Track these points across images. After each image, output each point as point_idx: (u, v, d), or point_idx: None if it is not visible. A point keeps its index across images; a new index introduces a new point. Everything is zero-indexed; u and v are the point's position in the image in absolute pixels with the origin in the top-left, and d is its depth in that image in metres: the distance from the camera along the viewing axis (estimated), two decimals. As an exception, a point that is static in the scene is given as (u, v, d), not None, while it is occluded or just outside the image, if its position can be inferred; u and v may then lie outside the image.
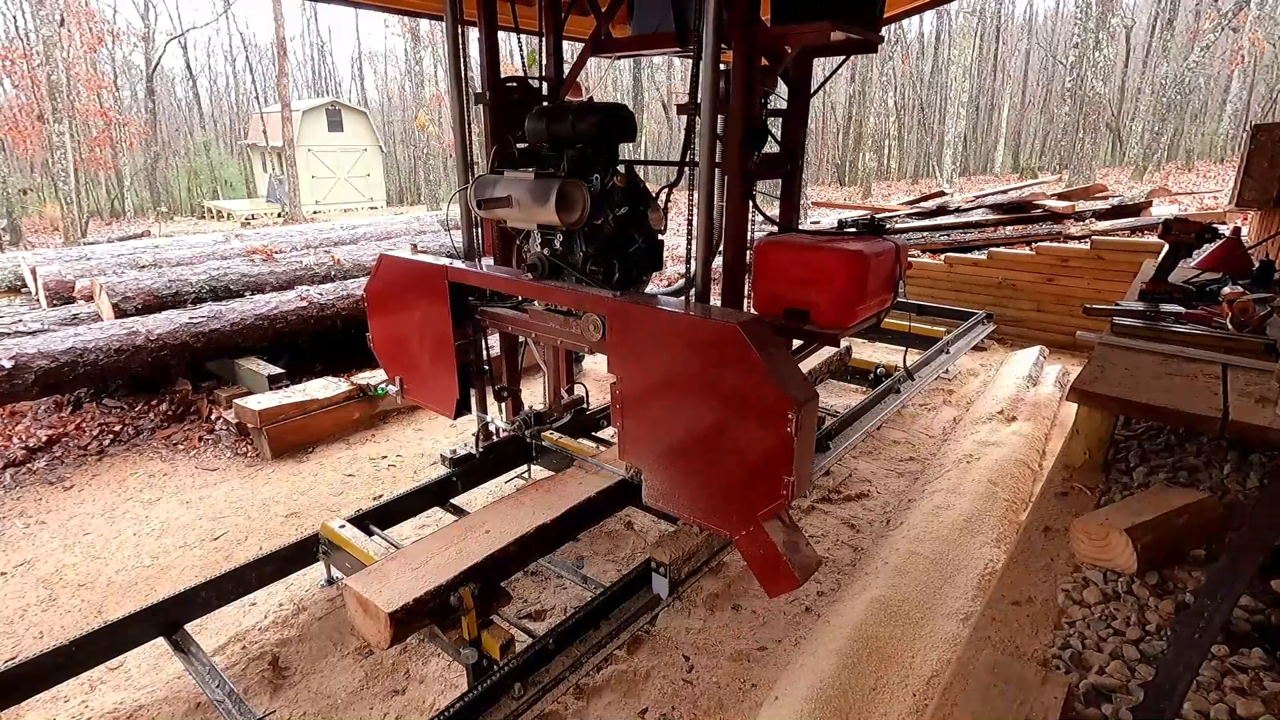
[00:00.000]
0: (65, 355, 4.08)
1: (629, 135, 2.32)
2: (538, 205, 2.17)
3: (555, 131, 2.28)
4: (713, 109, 1.95)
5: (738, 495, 1.89)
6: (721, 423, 1.85)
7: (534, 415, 2.93)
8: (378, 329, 2.92)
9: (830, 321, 2.20)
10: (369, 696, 2.27)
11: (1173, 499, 1.73)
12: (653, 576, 2.34)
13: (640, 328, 1.99)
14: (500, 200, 2.27)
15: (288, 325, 5.03)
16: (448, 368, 2.66)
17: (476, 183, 2.42)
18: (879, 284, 2.28)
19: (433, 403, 2.83)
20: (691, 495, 2.01)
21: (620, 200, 2.25)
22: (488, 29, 2.65)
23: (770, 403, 1.72)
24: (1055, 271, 5.86)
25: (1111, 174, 22.40)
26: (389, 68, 44.42)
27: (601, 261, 2.28)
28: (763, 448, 1.77)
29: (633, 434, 2.09)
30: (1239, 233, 3.28)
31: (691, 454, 1.96)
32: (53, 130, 15.15)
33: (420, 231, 7.86)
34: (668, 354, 1.93)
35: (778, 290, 2.25)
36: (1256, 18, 20.15)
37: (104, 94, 21.75)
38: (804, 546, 1.97)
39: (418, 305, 2.70)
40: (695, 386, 1.89)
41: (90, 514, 3.47)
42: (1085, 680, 1.32)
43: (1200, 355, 2.35)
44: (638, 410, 2.06)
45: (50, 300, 5.32)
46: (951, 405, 4.66)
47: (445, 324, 2.59)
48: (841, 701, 2.01)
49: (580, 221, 2.20)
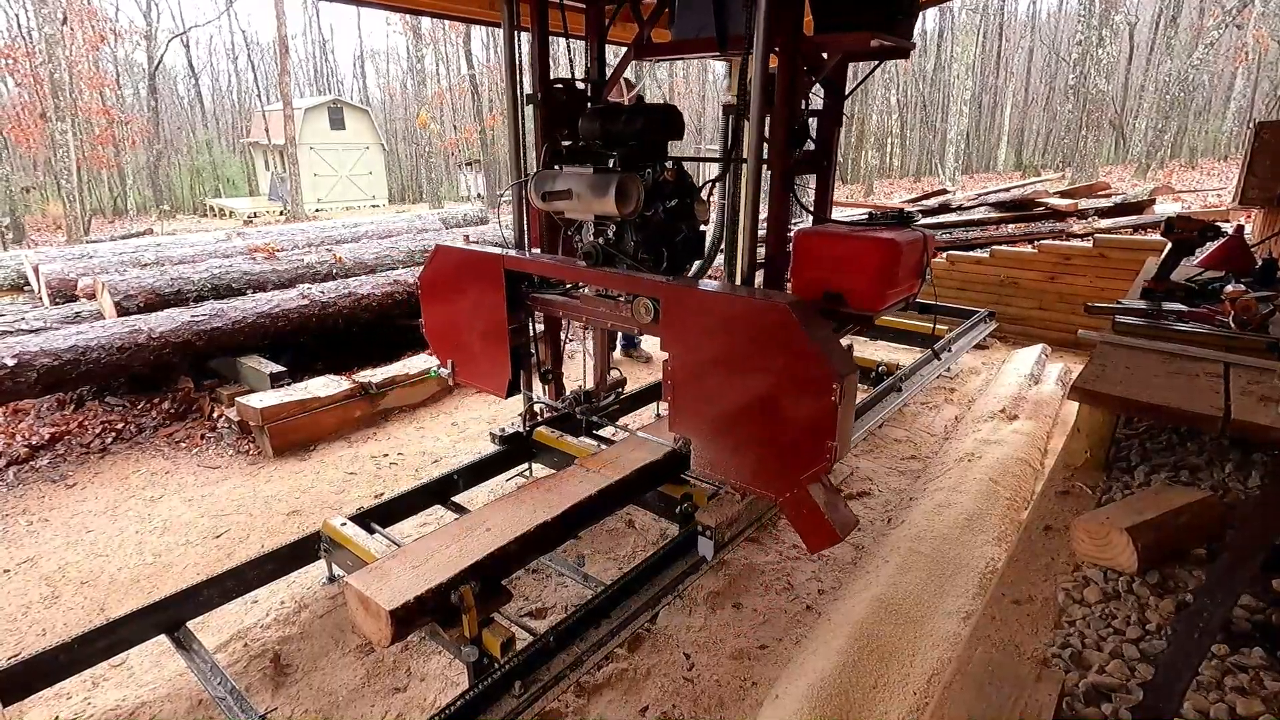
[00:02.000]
0: (68, 353, 4.09)
1: (677, 134, 2.53)
2: (597, 197, 2.35)
3: (610, 130, 2.46)
4: (761, 111, 2.13)
5: (783, 460, 2.04)
6: (769, 394, 2.01)
7: (583, 394, 3.12)
8: (431, 315, 3.07)
9: (865, 304, 2.36)
10: (370, 694, 2.28)
11: (1174, 498, 1.73)
12: (699, 539, 2.46)
13: (694, 309, 2.16)
14: (561, 193, 2.46)
15: (289, 324, 5.04)
16: (501, 350, 2.83)
17: (536, 177, 2.58)
18: (909, 270, 2.43)
19: (484, 384, 2.99)
20: (739, 462, 2.17)
21: (670, 193, 2.45)
22: (540, 35, 2.84)
23: (816, 375, 1.89)
24: (1057, 270, 5.85)
25: (1114, 172, 22.35)
26: (391, 66, 44.45)
27: (651, 250, 2.48)
28: (808, 416, 1.94)
29: (683, 407, 2.27)
30: (1242, 231, 3.27)
31: (740, 424, 2.12)
32: (55, 128, 15.19)
33: (422, 230, 7.87)
34: (720, 332, 2.10)
35: (816, 276, 2.39)
36: (1261, 14, 20.07)
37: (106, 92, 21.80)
38: (842, 507, 2.15)
39: (472, 292, 2.86)
40: (745, 361, 2.05)
41: (93, 512, 3.49)
42: (1085, 679, 1.32)
43: (1202, 354, 2.34)
44: (689, 385, 2.23)
45: (53, 298, 5.33)
46: (953, 404, 4.66)
47: (500, 309, 2.76)
48: (842, 700, 2.01)
49: (634, 212, 2.38)
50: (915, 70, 29.82)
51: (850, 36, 2.42)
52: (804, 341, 1.89)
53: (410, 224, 8.03)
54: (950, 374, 5.14)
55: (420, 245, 6.81)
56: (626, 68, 3.13)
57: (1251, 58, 22.66)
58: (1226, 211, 8.60)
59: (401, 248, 6.67)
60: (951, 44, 19.68)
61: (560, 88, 2.89)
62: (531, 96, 2.85)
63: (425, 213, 9.21)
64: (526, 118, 2.91)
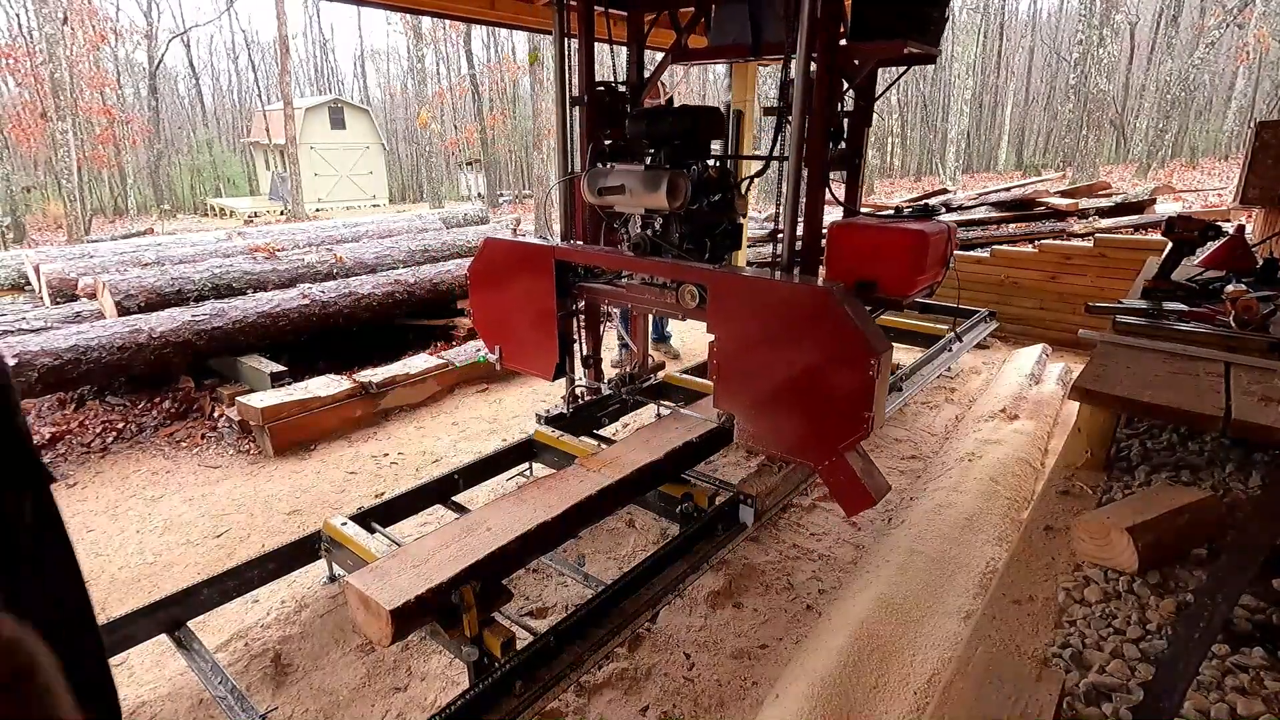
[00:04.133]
0: (68, 353, 4.09)
1: (719, 134, 2.72)
2: (649, 192, 2.55)
3: (657, 130, 2.64)
4: (803, 114, 2.32)
5: (823, 431, 2.24)
6: (811, 370, 2.20)
7: (628, 375, 3.37)
8: (479, 304, 3.23)
9: (896, 290, 2.52)
10: (370, 694, 2.28)
11: (1174, 498, 1.73)
12: (740, 507, 2.61)
13: (742, 294, 2.35)
14: (615, 188, 2.65)
15: (290, 323, 5.04)
16: (549, 336, 2.99)
17: (590, 174, 2.76)
18: (935, 259, 2.60)
19: (532, 367, 3.16)
20: (781, 433, 2.37)
21: (713, 188, 2.65)
22: (587, 42, 3.03)
23: (856, 352, 2.07)
24: (1058, 269, 5.84)
25: (1115, 171, 22.33)
26: (391, 65, 44.44)
27: (695, 240, 2.68)
28: (847, 389, 2.13)
29: (729, 384, 2.46)
30: (1243, 230, 3.27)
31: (783, 398, 2.31)
32: (56, 128, 15.18)
33: (423, 230, 7.86)
34: (766, 315, 2.29)
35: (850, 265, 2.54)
36: (1262, 14, 20.03)
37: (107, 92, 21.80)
38: (876, 474, 2.32)
39: (523, 281, 3.03)
40: (789, 341, 2.24)
41: (93, 511, 3.49)
42: (1085, 679, 1.32)
43: (1203, 354, 2.34)
44: (734, 363, 2.42)
45: (54, 298, 5.34)
46: (953, 403, 4.66)
47: (550, 298, 2.93)
48: (843, 699, 2.01)
49: (682, 206, 2.56)
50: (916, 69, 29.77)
51: (884, 45, 2.57)
52: (845, 322, 2.08)
53: (410, 224, 8.03)
54: (950, 374, 5.14)
55: (420, 245, 6.81)
56: (664, 71, 3.32)
57: (1253, 57, 22.60)
58: (1227, 211, 8.59)
59: (402, 247, 6.67)
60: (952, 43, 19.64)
61: (603, 91, 3.09)
62: (578, 99, 3.03)
63: (426, 212, 9.21)
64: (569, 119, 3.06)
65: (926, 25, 2.60)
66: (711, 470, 3.66)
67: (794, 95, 2.32)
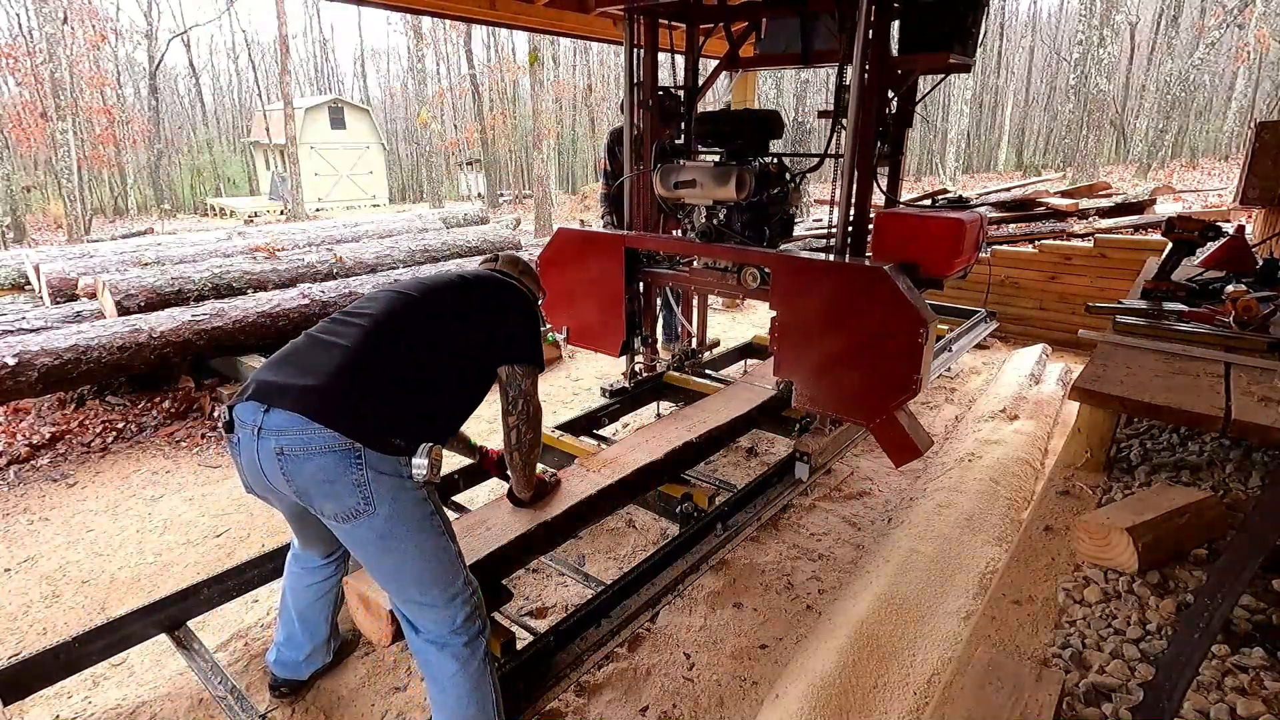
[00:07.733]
0: (68, 352, 4.09)
1: (778, 134, 3.00)
2: (719, 185, 2.84)
3: (724, 130, 3.01)
4: (858, 117, 2.61)
5: (875, 392, 2.53)
6: (866, 339, 2.50)
7: (689, 351, 3.82)
8: (549, 288, 3.42)
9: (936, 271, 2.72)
10: (370, 693, 2.28)
11: (1174, 498, 1.73)
12: (795, 464, 2.97)
13: (803, 274, 2.67)
14: (688, 182, 2.94)
15: (290, 323, 5.04)
16: (617, 317, 3.32)
17: (663, 169, 3.04)
18: (970, 244, 2.80)
19: (599, 346, 3.49)
20: (837, 396, 2.67)
21: (772, 182, 2.95)
22: (651, 51, 3.31)
23: (908, 321, 2.37)
24: (1058, 269, 5.84)
25: (1115, 171, 22.33)
26: (391, 65, 44.45)
27: (755, 229, 2.99)
28: (899, 354, 2.41)
29: (788, 355, 2.76)
30: (1243, 231, 3.27)
31: (840, 365, 2.61)
32: (56, 128, 15.19)
33: (423, 229, 7.86)
34: (826, 292, 2.59)
35: (895, 249, 2.73)
36: (1262, 14, 20.02)
37: (107, 91, 21.81)
38: (920, 430, 2.63)
39: (593, 267, 3.35)
40: (847, 314, 2.55)
41: (93, 511, 3.49)
42: (1085, 679, 1.32)
43: (1203, 354, 2.34)
44: (794, 336, 2.72)
45: (54, 297, 5.33)
46: (953, 403, 4.66)
47: (619, 281, 3.26)
48: (842, 699, 2.01)
49: (747, 198, 2.84)
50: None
51: (930, 56, 2.79)
52: (899, 294, 2.38)
53: (410, 223, 8.03)
54: (950, 374, 5.14)
55: (420, 245, 6.81)
56: (717, 78, 3.57)
57: (1253, 57, 22.60)
58: (1227, 211, 8.58)
59: (402, 247, 6.67)
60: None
61: (663, 95, 3.38)
62: (644, 102, 3.31)
63: (426, 212, 9.21)
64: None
65: (967, 38, 2.81)
66: (711, 470, 3.67)
67: (849, 101, 2.61)
